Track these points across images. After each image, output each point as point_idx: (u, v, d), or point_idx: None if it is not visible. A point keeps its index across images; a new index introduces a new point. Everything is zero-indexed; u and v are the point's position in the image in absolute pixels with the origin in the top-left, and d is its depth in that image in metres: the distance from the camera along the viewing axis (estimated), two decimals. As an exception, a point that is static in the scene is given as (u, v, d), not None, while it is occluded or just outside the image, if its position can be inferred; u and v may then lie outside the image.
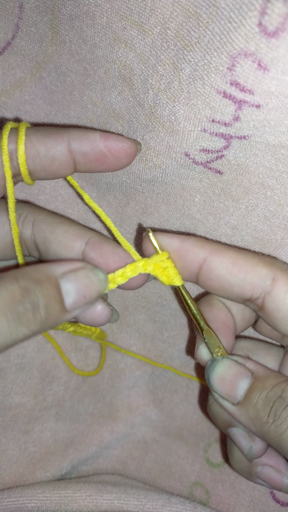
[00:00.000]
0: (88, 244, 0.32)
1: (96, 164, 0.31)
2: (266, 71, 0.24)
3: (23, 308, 0.25)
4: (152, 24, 0.28)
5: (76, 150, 0.30)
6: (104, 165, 0.31)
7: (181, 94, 0.28)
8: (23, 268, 0.27)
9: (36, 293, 0.26)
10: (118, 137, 0.30)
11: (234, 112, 0.27)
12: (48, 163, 0.30)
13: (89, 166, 0.31)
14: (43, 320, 0.26)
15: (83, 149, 0.30)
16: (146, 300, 0.44)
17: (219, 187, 0.33)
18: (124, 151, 0.30)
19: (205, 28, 0.26)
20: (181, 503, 0.37)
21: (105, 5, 0.29)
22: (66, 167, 0.31)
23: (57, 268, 0.28)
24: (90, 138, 0.30)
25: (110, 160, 0.31)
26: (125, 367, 0.48)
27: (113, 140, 0.30)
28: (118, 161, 0.31)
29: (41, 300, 0.26)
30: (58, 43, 0.33)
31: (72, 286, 0.28)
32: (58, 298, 0.27)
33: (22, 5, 0.32)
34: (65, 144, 0.30)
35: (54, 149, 0.30)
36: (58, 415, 0.45)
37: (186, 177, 0.33)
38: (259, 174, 0.31)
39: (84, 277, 0.28)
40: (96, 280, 0.29)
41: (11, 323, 0.24)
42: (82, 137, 0.30)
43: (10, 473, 0.42)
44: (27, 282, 0.26)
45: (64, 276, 0.28)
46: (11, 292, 0.25)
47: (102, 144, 0.30)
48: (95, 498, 0.37)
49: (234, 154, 0.30)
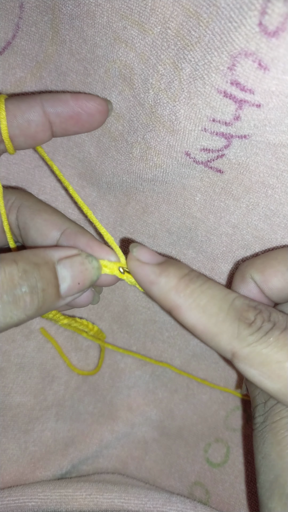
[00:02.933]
0: (64, 234, 0.32)
1: (71, 124, 0.31)
2: (267, 70, 0.24)
3: (21, 291, 0.25)
4: (152, 23, 0.28)
5: (50, 111, 0.31)
6: (79, 124, 0.32)
7: (181, 93, 0.28)
8: (21, 251, 0.27)
9: (34, 276, 0.26)
10: (89, 95, 0.31)
11: (234, 112, 0.27)
12: (26, 126, 0.30)
13: (65, 126, 0.32)
14: (39, 305, 0.26)
15: (57, 109, 0.31)
16: (147, 299, 0.44)
17: (219, 186, 0.33)
18: (96, 108, 0.31)
19: (206, 27, 0.26)
20: (182, 502, 0.37)
21: (106, 5, 0.29)
22: (43, 128, 0.31)
23: (54, 253, 0.28)
24: (62, 98, 0.31)
25: (84, 118, 0.31)
26: (125, 367, 0.48)
27: (83, 99, 0.31)
28: (91, 118, 0.31)
29: (39, 284, 0.26)
30: (58, 42, 0.33)
31: (68, 272, 0.28)
32: (55, 283, 0.27)
33: (23, 5, 0.32)
34: (39, 106, 0.30)
35: (29, 111, 0.30)
36: (59, 415, 0.45)
37: (186, 176, 0.33)
38: (260, 173, 0.31)
39: (79, 264, 0.29)
40: (90, 268, 0.29)
41: (6, 306, 0.24)
42: (54, 99, 0.31)
43: (11, 472, 0.42)
44: (26, 265, 0.25)
45: (61, 262, 0.28)
46: (9, 274, 0.25)
47: (74, 103, 0.31)
48: (95, 497, 0.37)
49: (234, 153, 0.30)
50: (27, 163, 0.39)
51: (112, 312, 0.46)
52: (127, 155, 0.34)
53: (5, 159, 0.38)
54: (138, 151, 0.33)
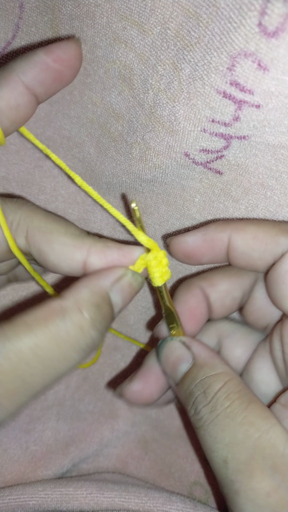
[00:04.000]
0: (91, 255, 0.29)
1: (55, 85, 0.30)
2: (266, 71, 0.24)
3: (91, 337, 0.26)
4: (152, 24, 0.28)
5: (32, 84, 0.28)
6: (63, 81, 0.30)
7: (181, 94, 0.28)
8: (79, 291, 0.27)
9: (100, 320, 0.26)
10: (60, 44, 0.29)
11: (234, 112, 0.27)
12: (14, 114, 0.28)
13: (50, 91, 0.30)
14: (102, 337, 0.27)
15: (38, 78, 0.28)
16: (146, 300, 0.44)
17: (219, 188, 0.33)
18: (74, 56, 0.29)
19: (205, 28, 0.26)
20: (182, 502, 0.37)
21: (105, 5, 0.29)
22: (30, 106, 0.29)
23: (107, 282, 0.28)
24: (37, 61, 0.28)
25: (66, 73, 0.29)
26: (125, 366, 0.48)
27: (58, 50, 0.28)
28: (72, 69, 0.30)
29: (103, 324, 0.26)
30: (58, 43, 0.33)
31: (119, 297, 0.28)
32: (112, 314, 0.27)
33: (23, 5, 0.32)
34: (20, 85, 0.28)
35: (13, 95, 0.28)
36: (59, 414, 0.45)
37: (186, 177, 0.33)
38: (259, 175, 0.31)
39: (128, 285, 0.28)
40: (136, 285, 0.29)
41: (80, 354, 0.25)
42: (31, 66, 0.28)
43: (12, 471, 0.42)
44: (90, 311, 0.26)
45: (112, 289, 0.28)
46: (79, 326, 0.25)
47: (51, 61, 0.28)
48: (96, 496, 0.37)
49: (234, 154, 0.30)
50: (27, 163, 0.39)
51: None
52: (126, 156, 0.34)
53: (5, 159, 0.38)
54: (138, 151, 0.33)
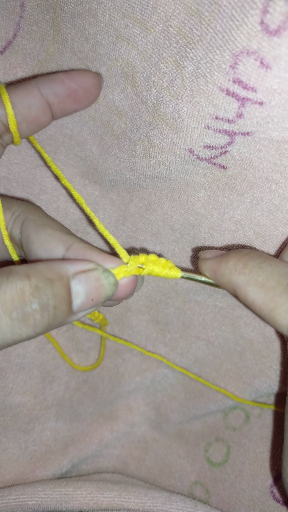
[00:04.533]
0: (70, 250, 0.30)
1: (70, 102, 0.32)
2: (269, 69, 0.24)
3: (31, 308, 0.24)
4: (154, 22, 0.28)
5: (47, 92, 0.31)
6: (77, 101, 0.32)
7: (184, 91, 0.28)
8: (36, 263, 0.26)
9: (47, 293, 0.25)
10: (80, 71, 0.32)
11: (237, 109, 0.27)
12: (27, 112, 0.31)
13: (63, 105, 0.32)
14: (49, 322, 0.25)
15: (54, 89, 0.31)
16: (150, 299, 0.44)
17: (223, 182, 0.33)
18: (90, 82, 0.32)
19: (207, 26, 0.26)
20: (182, 501, 0.37)
21: (107, 3, 0.29)
22: (44, 111, 0.31)
23: (70, 267, 0.27)
24: (57, 78, 0.31)
25: (80, 94, 0.32)
26: (125, 372, 0.47)
27: (77, 75, 0.31)
28: (88, 93, 0.32)
29: (51, 301, 0.25)
30: (60, 41, 0.33)
31: (82, 288, 0.27)
32: (68, 300, 0.26)
33: (24, 4, 0.32)
34: (35, 89, 0.31)
35: (27, 96, 0.30)
36: (58, 415, 0.45)
37: (190, 172, 0.33)
38: (264, 169, 0.31)
39: (95, 279, 0.27)
40: (106, 284, 0.28)
41: (15, 323, 0.24)
42: (49, 80, 0.31)
43: (11, 471, 0.42)
44: (38, 280, 0.25)
45: (76, 277, 0.27)
46: (20, 289, 0.24)
47: (69, 81, 0.31)
48: (95, 496, 0.37)
49: (238, 149, 0.30)
50: (28, 163, 0.39)
51: (114, 313, 0.45)
52: (130, 153, 0.34)
53: (6, 159, 0.38)
54: (141, 148, 0.33)
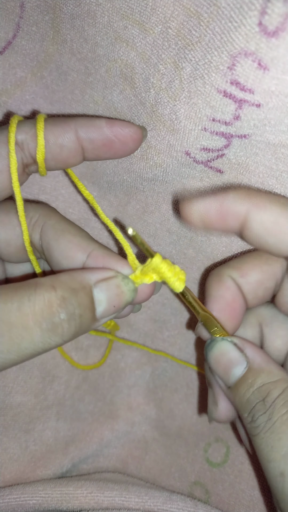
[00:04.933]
0: (90, 257, 0.31)
1: (104, 150, 0.31)
2: (266, 70, 0.24)
3: (59, 318, 0.25)
4: (153, 23, 0.28)
5: (83, 137, 0.30)
6: (112, 151, 0.31)
7: (182, 93, 0.28)
8: (59, 275, 0.27)
9: (73, 303, 0.26)
10: (124, 122, 0.31)
11: (234, 111, 0.27)
12: (58, 151, 0.30)
13: (97, 152, 0.31)
14: (76, 330, 0.26)
15: (90, 135, 0.30)
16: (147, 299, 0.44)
17: (219, 186, 0.33)
18: (130, 136, 0.30)
19: (206, 27, 0.26)
20: (182, 501, 0.37)
21: (106, 4, 0.29)
22: (75, 154, 0.31)
23: (91, 277, 0.28)
24: (97, 124, 0.30)
25: (117, 146, 0.31)
26: (125, 367, 0.48)
27: (118, 126, 0.30)
28: (124, 146, 0.31)
29: (77, 310, 0.26)
30: (59, 42, 0.33)
31: (104, 295, 0.28)
32: (91, 308, 0.27)
33: (23, 4, 0.32)
34: (72, 131, 0.30)
35: (62, 136, 0.30)
36: (59, 414, 0.45)
37: (187, 176, 0.33)
38: (260, 174, 0.31)
39: (115, 287, 0.28)
40: (126, 290, 0.29)
41: (44, 333, 0.25)
42: (89, 124, 0.30)
43: (12, 471, 0.42)
44: (64, 291, 0.25)
45: (97, 285, 0.28)
46: (48, 301, 0.25)
47: (108, 130, 0.30)
48: (96, 495, 0.37)
49: (234, 153, 0.30)
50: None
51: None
52: (127, 154, 0.34)
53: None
54: (139, 150, 0.33)
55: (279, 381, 0.29)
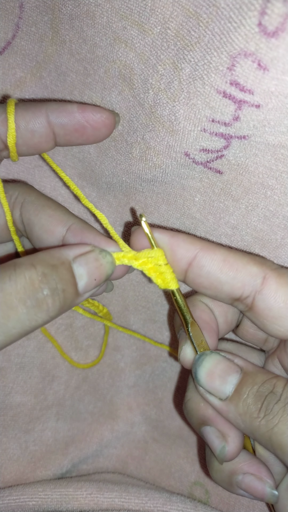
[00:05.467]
0: (69, 231, 0.32)
1: (76, 136, 0.31)
2: (266, 71, 0.24)
3: (43, 294, 0.25)
4: (152, 24, 0.28)
5: (54, 122, 0.30)
6: (84, 137, 0.31)
7: (181, 93, 0.28)
8: (36, 253, 0.27)
9: (54, 278, 0.26)
10: (96, 108, 0.31)
11: (234, 112, 0.27)
12: (29, 137, 0.30)
13: (69, 138, 0.31)
14: (61, 305, 0.26)
15: (62, 120, 0.30)
16: (146, 299, 0.44)
17: (219, 187, 0.33)
18: (102, 122, 0.31)
19: (205, 28, 0.26)
20: (182, 502, 0.37)
21: (105, 5, 0.29)
22: (47, 139, 0.31)
23: (69, 252, 0.28)
24: (68, 109, 0.30)
25: (89, 131, 0.31)
26: (125, 366, 0.48)
27: (90, 111, 0.30)
28: (97, 132, 0.31)
29: (59, 285, 0.26)
30: (58, 42, 0.33)
31: (84, 269, 0.28)
32: (73, 282, 0.27)
33: (22, 5, 0.32)
34: (43, 116, 0.30)
35: (33, 121, 0.30)
36: (59, 414, 0.45)
37: (186, 176, 0.33)
38: (259, 174, 0.31)
39: (94, 260, 0.29)
40: (105, 263, 0.29)
41: (30, 310, 0.25)
42: (60, 109, 0.30)
43: (11, 471, 0.42)
44: (44, 267, 0.26)
45: (76, 260, 0.28)
46: (29, 279, 0.25)
47: (80, 116, 0.30)
48: (96, 497, 0.37)
49: (234, 154, 0.30)
50: (27, 163, 0.39)
51: (112, 311, 0.46)
52: (126, 155, 0.34)
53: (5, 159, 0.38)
54: (138, 151, 0.33)
55: (279, 376, 0.29)
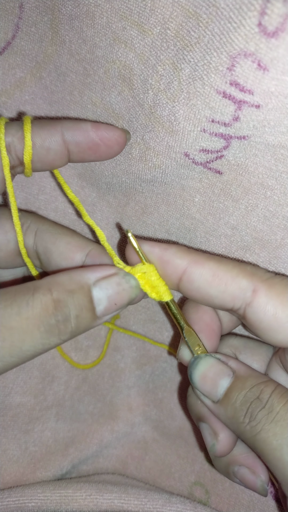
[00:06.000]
0: (89, 256, 0.32)
1: (89, 153, 0.32)
2: (266, 71, 0.24)
3: (55, 320, 0.26)
4: (152, 24, 0.28)
5: (69, 140, 0.31)
6: (97, 154, 0.32)
7: (180, 94, 0.28)
8: (57, 275, 0.28)
9: (68, 305, 0.26)
10: (109, 126, 0.31)
11: (233, 112, 0.27)
12: (44, 154, 0.31)
13: (82, 155, 0.32)
14: (73, 330, 0.27)
15: (76, 138, 0.31)
16: (146, 300, 0.44)
17: (218, 187, 0.33)
18: (115, 140, 0.31)
19: (205, 28, 0.26)
20: (182, 503, 0.37)
21: (105, 5, 0.29)
22: (61, 156, 0.31)
23: (90, 276, 0.28)
24: (82, 128, 0.31)
25: (102, 149, 0.31)
26: (125, 367, 0.48)
27: (104, 130, 0.31)
28: (109, 149, 0.32)
29: (72, 312, 0.26)
30: (58, 43, 0.33)
31: (104, 293, 0.28)
32: (90, 307, 0.27)
33: (22, 5, 0.32)
34: (59, 134, 0.30)
35: (49, 139, 0.30)
36: (59, 415, 0.45)
37: (185, 177, 0.33)
38: (259, 174, 0.31)
39: (116, 284, 0.29)
40: (128, 287, 0.29)
41: (43, 335, 0.25)
42: (75, 128, 0.31)
43: (11, 472, 0.42)
44: (60, 293, 0.26)
45: (97, 284, 0.28)
46: (44, 304, 0.25)
47: (93, 134, 0.31)
48: (95, 498, 0.37)
49: (233, 154, 0.30)
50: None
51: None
52: (126, 156, 0.34)
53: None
54: (137, 151, 0.33)
55: (269, 381, 0.29)
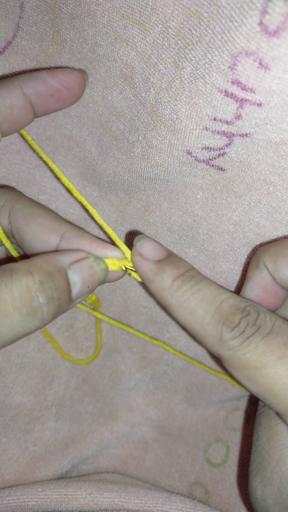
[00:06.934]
0: (63, 239, 0.32)
1: (52, 101, 0.31)
2: (267, 70, 0.24)
3: (39, 302, 0.25)
4: (153, 22, 0.28)
5: (29, 92, 0.30)
6: (60, 100, 0.32)
7: (182, 92, 0.28)
8: (33, 259, 0.27)
9: (50, 286, 0.26)
10: (64, 69, 0.31)
11: (235, 111, 0.27)
12: (8, 112, 0.30)
13: (46, 105, 0.31)
14: (55, 312, 0.27)
15: (36, 89, 0.31)
16: (148, 299, 0.44)
17: (221, 184, 0.33)
18: (74, 81, 0.31)
19: (206, 27, 0.26)
20: (182, 502, 0.37)
21: (106, 4, 0.29)
22: (26, 112, 0.31)
23: (65, 259, 0.28)
24: (40, 77, 0.31)
25: (64, 94, 0.31)
26: (125, 369, 0.48)
27: (61, 74, 0.31)
28: (71, 92, 0.31)
29: (55, 293, 0.26)
30: (59, 42, 0.33)
31: (78, 277, 0.28)
32: (68, 290, 0.28)
33: (23, 4, 0.32)
34: (17, 89, 0.30)
35: (9, 96, 0.30)
36: (59, 415, 0.45)
37: (188, 174, 0.33)
38: (262, 171, 0.31)
39: (88, 267, 0.29)
40: (98, 270, 0.30)
41: (24, 318, 0.25)
42: (32, 79, 0.31)
43: (11, 472, 0.42)
44: (41, 275, 0.26)
45: (71, 267, 0.28)
46: (26, 286, 0.25)
47: (52, 80, 0.31)
48: (95, 497, 0.37)
49: (236, 151, 0.30)
50: (28, 163, 0.39)
51: (113, 313, 0.46)
52: (128, 154, 0.34)
53: (5, 159, 0.38)
54: (140, 150, 0.33)
55: None
